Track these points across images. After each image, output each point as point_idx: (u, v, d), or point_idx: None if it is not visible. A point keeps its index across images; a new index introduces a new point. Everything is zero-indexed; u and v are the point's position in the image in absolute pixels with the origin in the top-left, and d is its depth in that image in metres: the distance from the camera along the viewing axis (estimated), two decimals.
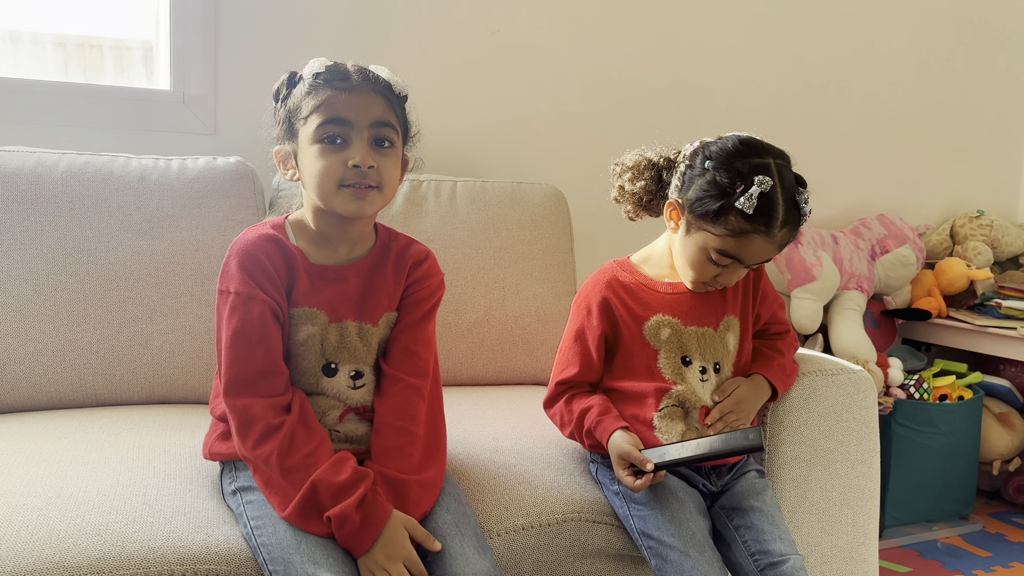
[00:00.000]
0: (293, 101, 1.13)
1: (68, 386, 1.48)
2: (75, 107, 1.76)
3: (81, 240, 1.50)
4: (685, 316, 1.29)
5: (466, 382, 1.76)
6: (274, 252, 1.13)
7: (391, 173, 1.13)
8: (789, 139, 1.27)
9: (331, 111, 1.09)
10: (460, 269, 1.75)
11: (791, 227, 1.21)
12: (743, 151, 1.21)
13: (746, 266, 1.24)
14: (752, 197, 1.17)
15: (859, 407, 1.42)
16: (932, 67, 2.64)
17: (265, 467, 1.06)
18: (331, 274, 1.17)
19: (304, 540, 1.02)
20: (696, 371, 1.28)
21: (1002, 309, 2.36)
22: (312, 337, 1.15)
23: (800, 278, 2.24)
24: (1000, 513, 2.43)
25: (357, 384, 1.16)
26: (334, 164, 1.09)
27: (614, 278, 1.32)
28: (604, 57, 2.19)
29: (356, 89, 1.11)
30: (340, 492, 1.03)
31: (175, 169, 1.60)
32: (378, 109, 1.11)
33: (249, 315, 1.10)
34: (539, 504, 1.22)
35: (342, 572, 1.00)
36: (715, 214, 1.20)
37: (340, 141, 1.10)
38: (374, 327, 1.18)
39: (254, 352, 1.09)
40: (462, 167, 2.04)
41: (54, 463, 1.19)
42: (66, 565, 0.97)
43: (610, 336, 1.31)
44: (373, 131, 1.11)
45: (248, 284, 1.10)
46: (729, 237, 1.20)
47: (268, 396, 1.09)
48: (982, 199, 2.76)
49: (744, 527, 1.21)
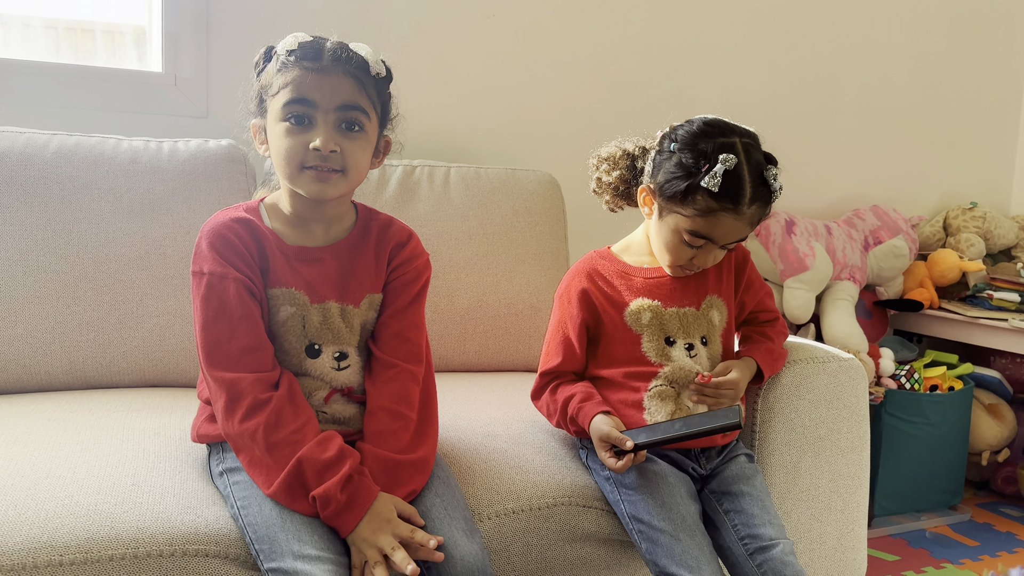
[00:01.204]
0: (266, 76, 1.13)
1: (58, 368, 1.48)
2: (66, 88, 1.75)
3: (71, 222, 1.49)
4: (666, 299, 1.30)
5: (458, 368, 1.75)
6: (244, 233, 1.13)
7: (357, 157, 1.11)
8: (784, 129, 1.28)
9: (297, 91, 1.08)
10: (453, 255, 1.75)
11: (761, 204, 1.22)
12: (708, 131, 1.22)
13: (720, 246, 1.24)
14: (716, 175, 1.17)
15: (850, 395, 1.42)
16: (927, 59, 2.64)
17: (251, 442, 1.05)
18: (308, 255, 1.16)
19: (289, 518, 1.02)
20: (681, 348, 1.28)
21: (993, 301, 2.37)
22: (293, 317, 1.14)
23: (793, 268, 2.24)
24: (988, 503, 2.44)
25: (341, 365, 1.16)
26: (296, 145, 1.09)
27: (593, 268, 1.33)
28: (600, 43, 2.19)
29: (326, 70, 1.09)
30: (325, 470, 1.03)
31: (166, 152, 1.59)
32: (347, 91, 1.09)
33: (226, 294, 1.09)
34: (529, 488, 1.23)
35: (327, 549, 1.00)
36: (683, 195, 1.21)
37: (307, 122, 1.09)
38: (356, 308, 1.17)
39: (236, 329, 1.09)
40: (456, 153, 2.04)
41: (43, 444, 1.18)
42: (54, 545, 0.97)
43: (591, 325, 1.31)
44: (340, 114, 1.09)
45: (220, 263, 1.10)
46: (699, 217, 1.21)
47: (256, 371, 1.08)
48: (975, 191, 2.77)
49: (734, 511, 1.22)
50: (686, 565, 1.13)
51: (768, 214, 1.26)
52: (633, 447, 1.16)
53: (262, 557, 1.01)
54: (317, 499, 1.02)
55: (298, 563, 0.97)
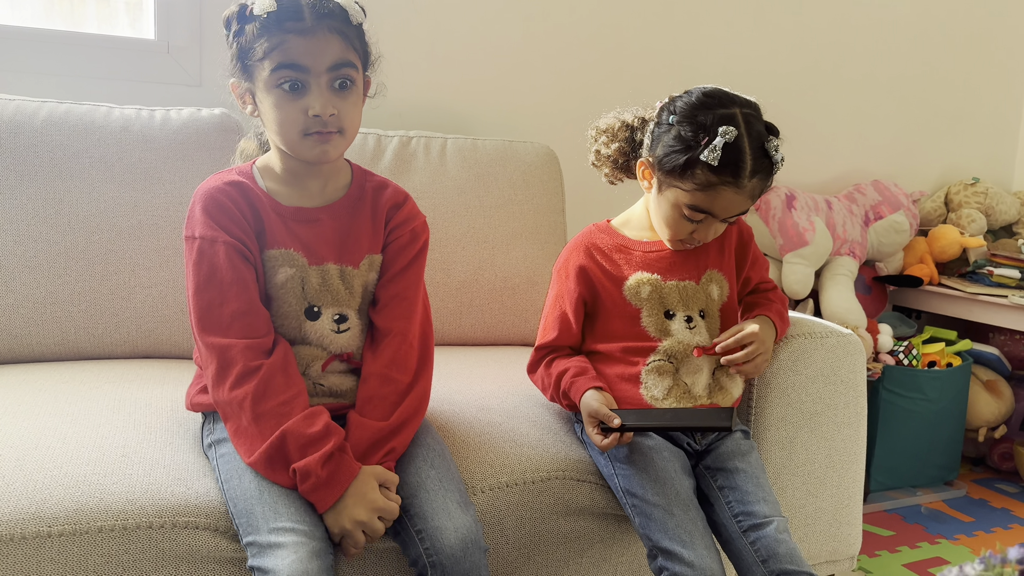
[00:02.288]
0: (246, 39, 1.08)
1: (49, 339, 1.46)
2: (56, 55, 1.72)
3: (62, 191, 1.47)
4: (665, 272, 1.28)
5: (453, 342, 1.74)
6: (237, 196, 1.11)
7: (352, 115, 1.11)
8: (785, 102, 1.26)
9: (286, 56, 1.05)
10: (449, 227, 1.73)
11: (762, 176, 1.19)
12: (707, 103, 1.20)
13: (721, 220, 1.23)
14: (716, 148, 1.15)
15: (847, 370, 1.41)
16: (930, 33, 2.60)
17: (238, 410, 1.05)
18: (305, 215, 1.15)
19: (267, 491, 1.01)
20: (681, 321, 1.27)
21: (994, 277, 2.36)
22: (292, 279, 1.13)
23: (793, 243, 2.23)
24: (984, 479, 2.45)
25: (341, 328, 1.15)
26: (294, 113, 1.07)
27: (591, 242, 1.31)
28: (600, 13, 2.15)
29: (311, 31, 1.05)
30: (309, 445, 1.02)
31: (158, 120, 1.57)
32: (336, 49, 1.07)
33: (216, 258, 1.08)
34: (523, 462, 1.22)
35: (303, 522, 0.99)
36: (682, 169, 1.18)
37: (299, 86, 1.07)
38: (355, 269, 1.16)
39: (227, 294, 1.08)
40: (453, 124, 2.01)
41: (32, 415, 1.18)
42: (42, 516, 0.96)
43: (588, 300, 1.30)
44: (332, 74, 1.07)
45: (211, 227, 1.09)
46: (698, 191, 1.19)
47: (248, 337, 1.07)
48: (977, 167, 2.74)
49: (728, 488, 1.21)
50: (679, 539, 1.12)
51: (770, 186, 1.24)
52: (620, 425, 1.15)
53: (241, 531, 1.01)
54: (297, 471, 1.01)
55: (271, 536, 0.97)
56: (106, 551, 0.97)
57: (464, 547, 1.03)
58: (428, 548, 1.02)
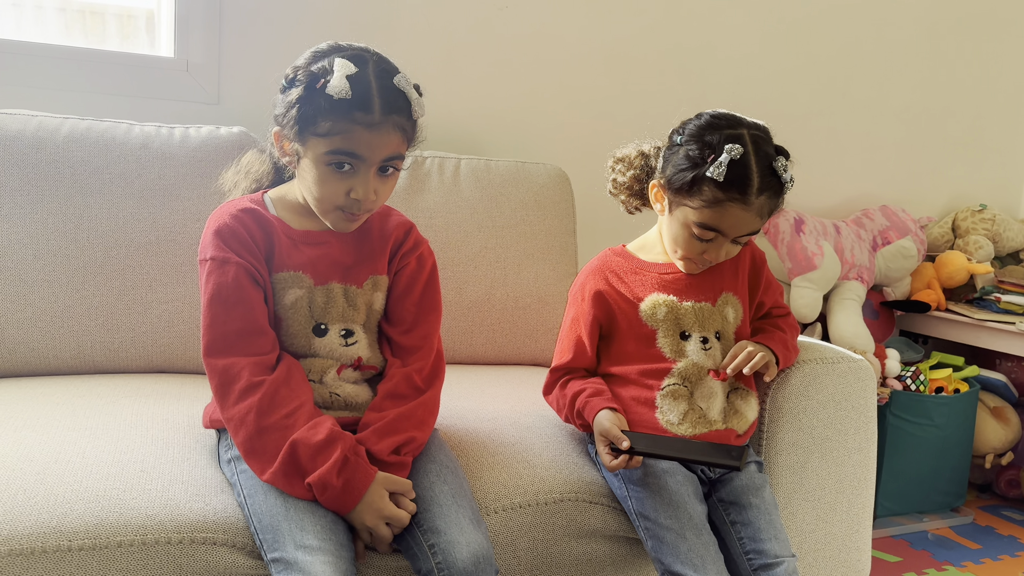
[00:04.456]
0: (311, 108, 1.07)
1: (66, 352, 1.48)
2: (77, 72, 1.74)
3: (82, 206, 1.49)
4: (681, 293, 1.29)
5: (464, 361, 1.75)
6: (249, 221, 1.15)
7: (387, 192, 1.15)
8: (794, 127, 1.28)
9: (348, 144, 1.07)
10: (462, 247, 1.74)
11: (770, 194, 1.20)
12: (715, 124, 1.22)
13: (732, 240, 1.23)
14: (722, 164, 1.17)
15: (858, 396, 1.42)
16: (939, 60, 2.62)
17: (242, 425, 1.06)
18: (313, 238, 1.19)
19: (293, 507, 1.03)
20: (696, 342, 1.28)
21: (1001, 304, 2.36)
22: (300, 300, 1.17)
23: (801, 267, 2.24)
24: (991, 506, 2.44)
25: (349, 342, 1.19)
26: (337, 191, 1.11)
27: (607, 266, 1.33)
28: (612, 37, 2.18)
29: (378, 126, 1.07)
30: (318, 454, 1.04)
31: (177, 137, 1.59)
32: (394, 144, 1.10)
33: (224, 278, 1.11)
34: (536, 483, 1.22)
35: (329, 539, 1.01)
36: (689, 186, 1.20)
37: (347, 168, 1.09)
38: (359, 288, 1.20)
39: (231, 313, 1.11)
40: (466, 145, 2.03)
41: (51, 428, 1.19)
42: (63, 530, 0.97)
43: (604, 323, 1.31)
44: (382, 163, 1.11)
45: (222, 249, 1.12)
46: (706, 208, 1.20)
47: (251, 355, 1.10)
48: (985, 193, 2.76)
49: (741, 523, 1.22)
50: (691, 564, 1.13)
51: (780, 206, 1.24)
52: (629, 448, 1.16)
53: (265, 547, 1.02)
54: (313, 486, 1.03)
55: (299, 553, 0.98)
56: (125, 566, 0.98)
57: (476, 563, 1.03)
58: (440, 563, 1.03)
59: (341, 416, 1.14)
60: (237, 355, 1.09)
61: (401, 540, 1.07)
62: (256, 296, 1.13)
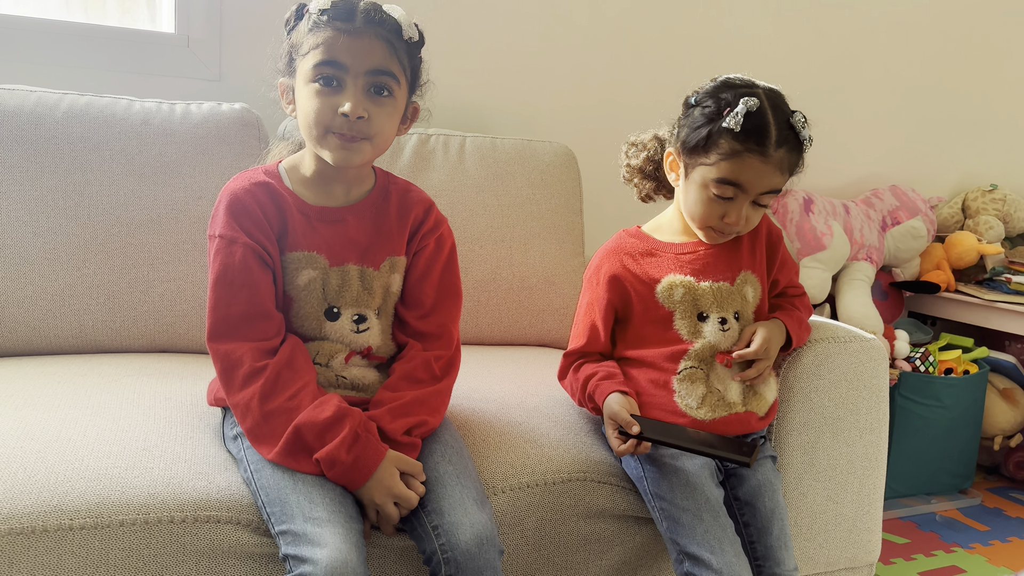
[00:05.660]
0: (297, 35, 1.10)
1: (68, 331, 1.46)
2: (76, 47, 1.72)
3: (82, 183, 1.47)
4: (699, 273, 1.26)
5: (470, 341, 1.73)
6: (263, 197, 1.12)
7: (384, 124, 1.10)
8: (804, 105, 1.25)
9: (328, 52, 1.06)
10: (467, 226, 1.72)
11: (788, 148, 1.18)
12: (730, 83, 1.22)
13: (751, 197, 1.19)
14: (739, 115, 1.15)
15: (870, 375, 1.40)
16: (950, 40, 2.58)
17: (247, 412, 1.05)
18: (330, 215, 1.15)
19: (301, 480, 1.01)
20: (715, 323, 1.25)
21: (1011, 284, 2.34)
22: (313, 281, 1.13)
23: (810, 247, 2.21)
24: (999, 488, 2.43)
25: (360, 328, 1.15)
26: (324, 108, 1.07)
27: (622, 247, 1.30)
28: (619, 13, 2.14)
29: (358, 32, 1.06)
30: (325, 431, 1.02)
31: (179, 114, 1.56)
32: (378, 56, 1.07)
33: (231, 259, 1.08)
34: (544, 463, 1.21)
35: (339, 512, 0.99)
36: (706, 141, 1.18)
37: (335, 84, 1.07)
38: (376, 271, 1.16)
39: (236, 296, 1.08)
40: (471, 122, 2.00)
41: (52, 407, 1.17)
42: (64, 509, 0.95)
43: (619, 307, 1.28)
44: (370, 78, 1.07)
45: (232, 228, 1.09)
46: (723, 161, 1.17)
47: (254, 340, 1.07)
48: (995, 173, 2.72)
49: (754, 527, 1.21)
50: (708, 545, 1.11)
51: (801, 165, 1.21)
52: (638, 433, 1.14)
53: (273, 520, 1.00)
54: (321, 461, 1.01)
55: (308, 525, 0.96)
56: (127, 545, 0.96)
57: (479, 544, 1.02)
58: (444, 544, 1.01)
59: (348, 395, 1.13)
60: (240, 340, 1.07)
61: (406, 521, 1.06)
62: (263, 278, 1.10)
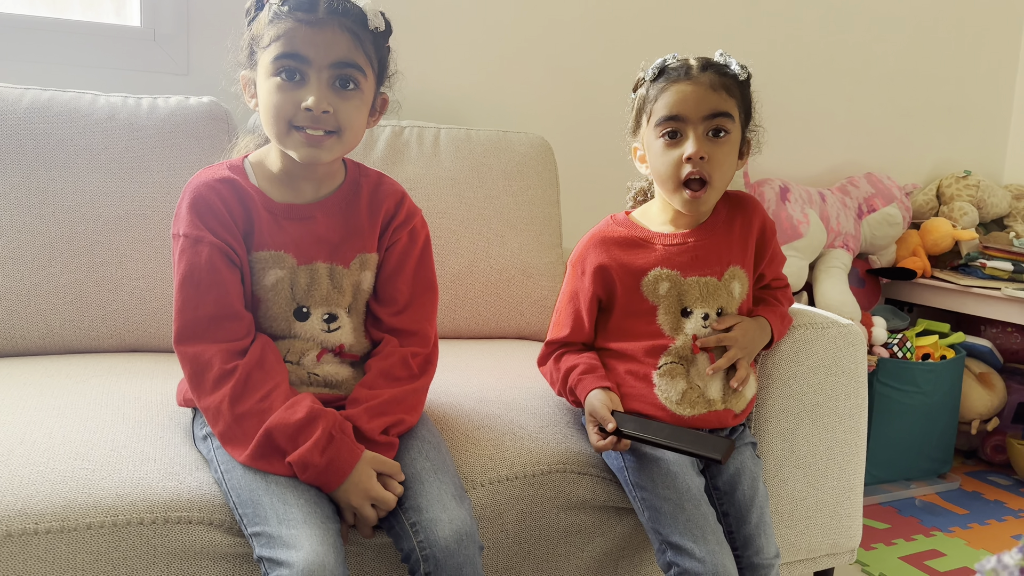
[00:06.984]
0: (258, 26, 1.07)
1: (34, 332, 1.42)
2: (39, 42, 1.68)
3: (46, 180, 1.43)
4: (685, 267, 1.24)
5: (448, 335, 1.72)
6: (228, 194, 1.08)
7: (352, 117, 1.07)
8: (779, 95, 1.25)
9: (289, 45, 1.03)
10: (443, 219, 1.70)
11: (714, 71, 1.19)
12: None
13: (698, 126, 1.17)
14: (654, 66, 1.22)
15: (848, 361, 1.40)
16: (922, 27, 2.59)
17: (218, 415, 1.02)
18: (297, 213, 1.11)
19: (274, 481, 0.99)
20: (697, 319, 1.23)
21: (986, 269, 2.35)
22: (281, 281, 1.10)
23: (787, 235, 2.21)
24: (977, 472, 2.44)
25: (331, 327, 1.13)
26: (286, 103, 1.04)
27: (608, 236, 1.27)
28: (594, 5, 2.13)
29: (321, 23, 1.03)
30: (297, 433, 1.00)
31: (145, 108, 1.53)
32: (342, 47, 1.04)
33: (197, 258, 1.05)
34: (523, 455, 1.19)
35: (314, 513, 0.97)
36: (642, 104, 1.23)
37: (298, 78, 1.03)
38: (346, 269, 1.13)
39: (204, 297, 1.05)
40: (446, 114, 1.98)
41: (17, 409, 1.14)
42: (29, 513, 0.93)
43: (604, 298, 1.27)
44: (334, 71, 1.04)
45: (197, 227, 1.05)
46: (655, 101, 1.20)
47: (223, 342, 1.04)
48: (969, 160, 2.74)
49: (734, 517, 1.20)
50: (690, 534, 1.10)
51: (748, 96, 1.24)
52: (615, 429, 1.13)
53: (245, 521, 0.98)
54: (294, 464, 0.99)
55: (282, 527, 0.94)
56: (95, 548, 0.94)
57: (458, 540, 1.00)
58: (422, 541, 1.00)
59: (321, 393, 1.10)
60: (208, 342, 1.04)
61: (383, 519, 1.04)
62: (231, 278, 1.06)
